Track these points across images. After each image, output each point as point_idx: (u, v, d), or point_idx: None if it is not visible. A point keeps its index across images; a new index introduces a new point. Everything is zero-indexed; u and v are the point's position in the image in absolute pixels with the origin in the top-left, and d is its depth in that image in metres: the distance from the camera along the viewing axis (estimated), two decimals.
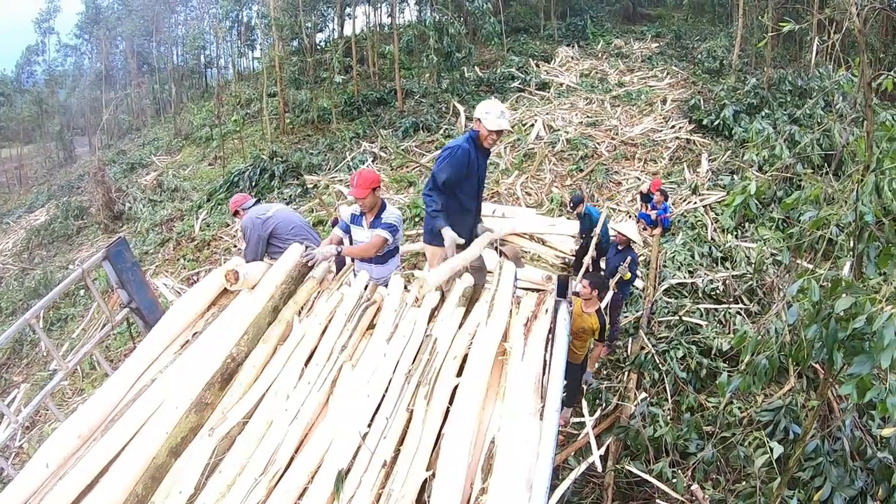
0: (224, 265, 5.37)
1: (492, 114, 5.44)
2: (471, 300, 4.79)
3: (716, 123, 17.91)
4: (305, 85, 25.15)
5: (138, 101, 40.65)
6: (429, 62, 21.42)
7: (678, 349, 8.80)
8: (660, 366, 8.66)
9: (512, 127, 17.31)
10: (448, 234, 5.33)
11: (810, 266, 6.35)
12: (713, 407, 7.91)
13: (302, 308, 4.90)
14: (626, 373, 8.85)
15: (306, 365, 4.27)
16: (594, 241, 9.93)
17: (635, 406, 7.94)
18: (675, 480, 6.53)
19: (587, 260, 9.68)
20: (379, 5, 30.89)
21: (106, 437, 4.04)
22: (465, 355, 4.21)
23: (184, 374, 4.28)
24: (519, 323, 4.37)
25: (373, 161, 18.51)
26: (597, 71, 25.02)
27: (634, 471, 6.90)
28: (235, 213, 7.57)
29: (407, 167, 17.53)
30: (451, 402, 3.84)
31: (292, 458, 3.62)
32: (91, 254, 17.88)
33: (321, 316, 4.68)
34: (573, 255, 11.28)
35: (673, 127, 18.78)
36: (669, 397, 8.32)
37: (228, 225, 16.07)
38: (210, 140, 25.63)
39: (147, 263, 13.72)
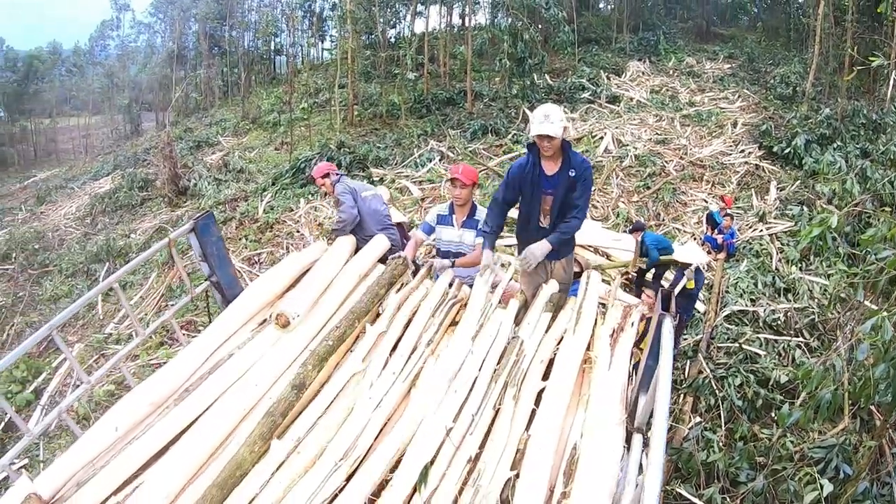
0: (301, 252, 5.46)
1: (535, 119, 5.04)
2: (557, 307, 4.78)
3: (786, 151, 17.52)
4: (376, 79, 25.29)
5: (207, 82, 41.24)
6: (501, 66, 21.33)
7: (736, 376, 8.67)
8: (716, 391, 8.53)
9: (568, 133, 17.09)
10: (486, 256, 5.20)
11: (874, 306, 6.20)
12: (766, 438, 7.77)
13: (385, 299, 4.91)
14: (682, 395, 8.73)
15: (390, 355, 4.30)
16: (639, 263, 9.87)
17: (689, 429, 7.85)
18: None
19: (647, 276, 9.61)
20: (453, 6, 30.95)
21: (179, 407, 4.10)
22: (551, 360, 4.21)
23: (265, 353, 4.34)
24: (605, 333, 4.35)
25: (440, 160, 18.56)
26: (668, 88, 24.75)
27: (685, 494, 6.82)
28: (325, 176, 7.09)
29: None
30: (535, 405, 3.84)
31: (371, 446, 3.64)
32: (153, 225, 18.33)
33: (407, 308, 4.71)
34: (635, 272, 11.20)
35: (742, 151, 18.48)
36: (723, 424, 8.20)
37: (292, 210, 16.23)
38: (277, 125, 25.89)
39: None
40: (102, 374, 5.23)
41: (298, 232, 14.87)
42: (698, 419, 8.11)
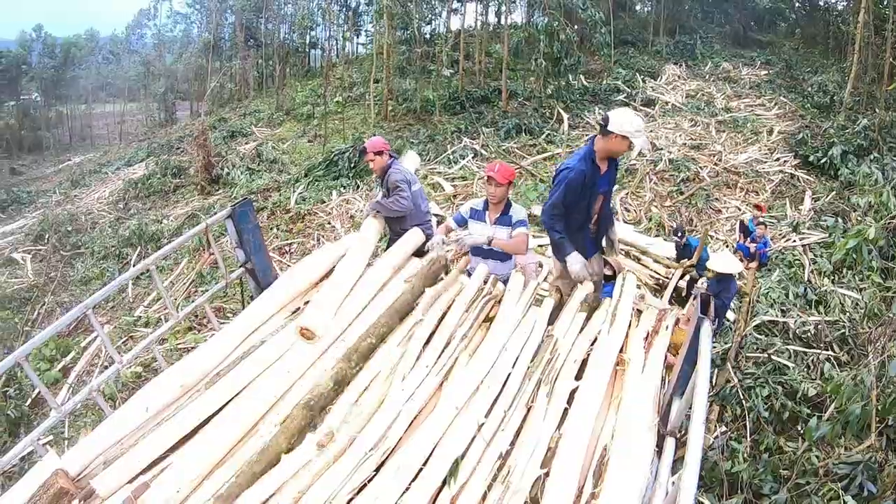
0: (336, 243, 5.47)
1: (640, 131, 5.16)
2: (591, 308, 4.75)
3: (822, 161, 17.25)
4: (411, 74, 25.33)
5: (242, 73, 41.56)
6: (536, 66, 21.26)
7: (764, 387, 8.56)
8: (743, 401, 8.44)
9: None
10: (579, 262, 5.27)
11: None
12: (792, 451, 7.67)
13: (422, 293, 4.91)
14: (709, 404, 8.65)
15: (424, 348, 4.29)
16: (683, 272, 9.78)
17: (714, 438, 7.78)
18: None
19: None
20: (489, 4, 30.92)
21: (210, 390, 4.11)
22: (584, 360, 4.18)
23: (298, 341, 4.34)
24: (639, 336, 4.32)
25: (473, 157, 18.53)
26: (703, 93, 24.54)
27: (707, 503, 6.78)
28: (379, 153, 6.75)
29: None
30: (567, 405, 3.82)
31: (401, 438, 3.64)
32: (186, 212, 18.50)
33: (441, 302, 4.70)
34: (667, 277, 11.10)
35: (778, 160, 18.25)
36: (749, 435, 8.11)
37: (324, 202, 16.29)
38: (311, 118, 26.06)
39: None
40: (134, 356, 5.26)
41: (329, 224, 14.93)
42: (724, 428, 8.04)
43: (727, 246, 13.05)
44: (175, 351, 10.50)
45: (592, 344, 4.32)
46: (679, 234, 10.95)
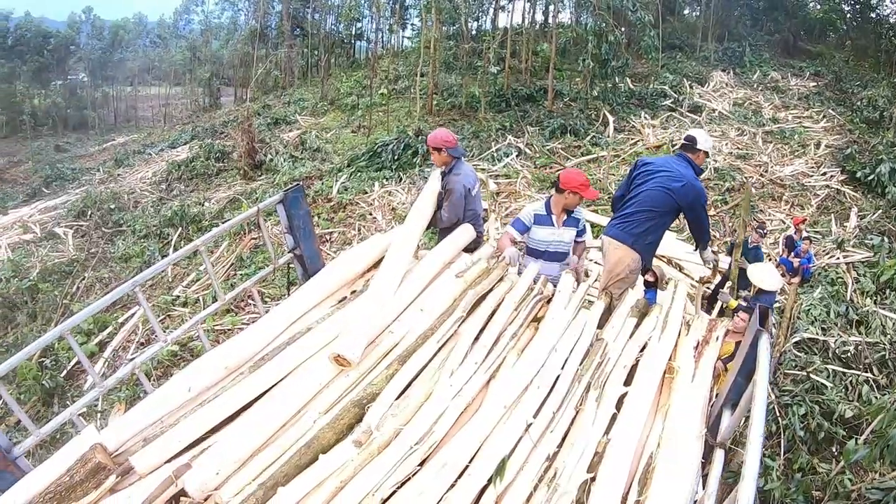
0: (386, 233, 5.44)
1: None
2: (641, 314, 4.68)
3: (869, 178, 16.80)
4: (457, 70, 25.30)
5: (288, 62, 41.81)
6: (584, 66, 21.10)
7: (801, 406, 8.39)
8: (779, 419, 8.29)
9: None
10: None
11: None
12: (825, 472, 7.53)
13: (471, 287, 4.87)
14: (745, 419, 8.50)
15: (472, 345, 4.25)
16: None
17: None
18: None
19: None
20: (537, 2, 30.79)
21: (254, 374, 4.11)
22: (632, 366, 4.13)
23: (365, 312, 4.33)
24: (689, 345, 4.25)
25: (517, 156, 18.40)
26: (751, 102, 24.15)
27: None
28: (436, 150, 6.40)
29: (550, 168, 17.30)
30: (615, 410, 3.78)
31: (447, 433, 3.61)
32: (228, 196, 18.62)
33: (491, 300, 4.66)
34: (708, 287, 10.95)
35: (824, 174, 17.90)
36: (783, 453, 7.97)
37: (366, 192, 16.33)
38: (355, 108, 26.09)
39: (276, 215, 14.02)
40: (180, 334, 5.30)
41: (371, 215, 14.95)
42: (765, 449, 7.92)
43: (770, 259, 12.84)
44: (212, 332, 10.56)
45: (642, 350, 4.26)
46: (762, 232, 10.90)
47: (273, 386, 4.06)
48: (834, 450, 7.82)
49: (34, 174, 32.22)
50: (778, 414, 8.32)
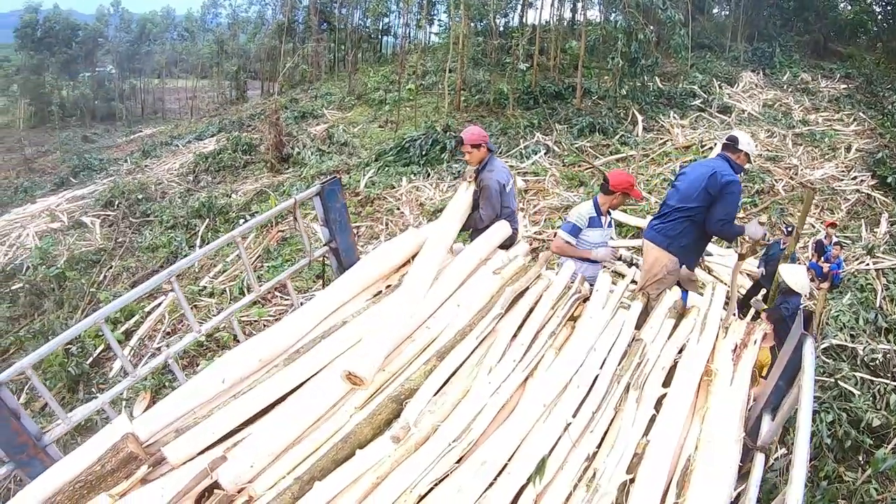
0: (421, 228, 5.43)
1: (751, 145, 6.18)
2: (679, 315, 4.63)
3: None
4: (485, 66, 25.25)
5: (315, 56, 41.94)
6: (613, 65, 20.98)
7: (828, 413, 8.28)
8: None
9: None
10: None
11: None
12: (851, 481, 7.43)
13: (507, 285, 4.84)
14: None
15: (510, 342, 4.22)
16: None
17: (775, 460, 7.57)
18: None
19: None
20: (565, 0, 30.67)
21: (289, 367, 4.09)
22: (671, 367, 4.10)
23: (381, 326, 4.29)
24: (727, 348, 4.19)
25: (545, 153, 18.31)
26: (781, 103, 23.85)
27: None
28: (477, 146, 6.28)
29: (579, 166, 17.20)
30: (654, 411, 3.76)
31: (485, 431, 3.59)
32: (255, 188, 18.66)
33: (529, 298, 4.62)
34: (741, 292, 10.83)
35: (854, 178, 17.63)
36: (809, 460, 7.86)
37: (394, 187, 16.32)
38: (383, 103, 26.13)
39: (308, 208, 13.98)
40: (214, 325, 5.31)
41: (398, 210, 14.94)
42: (784, 451, 7.81)
43: (800, 263, 12.67)
44: (238, 324, 10.58)
45: (680, 352, 4.22)
46: (788, 231, 10.76)
47: (308, 379, 4.05)
48: (860, 458, 7.72)
49: (62, 164, 32.55)
50: None
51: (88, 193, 22.20)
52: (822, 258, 12.04)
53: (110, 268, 15.06)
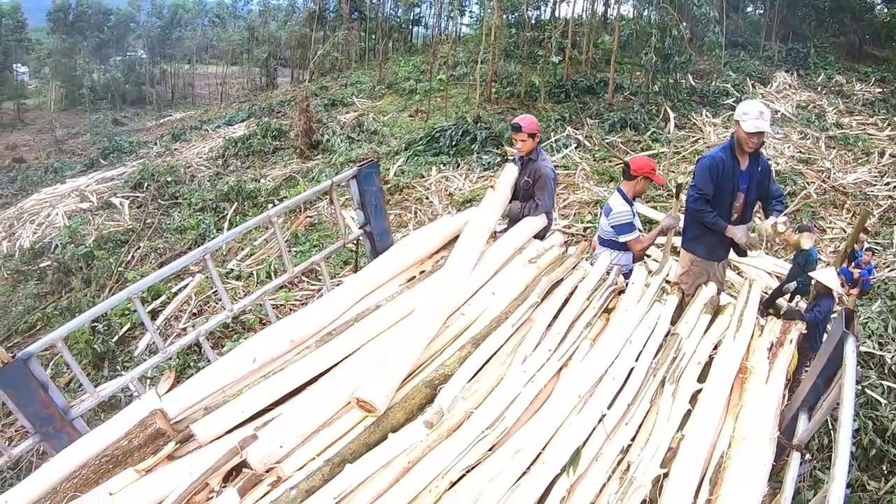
0: (455, 216, 5.40)
1: (750, 114, 5.20)
2: (715, 311, 4.58)
3: None
4: (517, 59, 25.12)
5: (346, 44, 41.95)
6: (646, 60, 20.77)
7: (854, 421, 8.15)
8: (831, 431, 8.07)
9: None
10: (737, 232, 5.46)
11: None
12: (874, 490, 7.33)
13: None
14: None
15: (546, 332, 4.19)
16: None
17: (800, 465, 7.48)
18: None
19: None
20: None
21: (321, 349, 4.10)
22: (706, 363, 4.06)
23: (416, 311, 4.27)
24: (763, 346, 4.13)
25: (576, 148, 18.12)
26: (815, 105, 23.52)
27: None
28: (532, 136, 6.23)
29: (609, 161, 17.05)
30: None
31: (518, 420, 3.57)
32: (284, 174, 18.69)
33: (564, 288, 4.59)
34: (766, 292, 10.71)
35: (888, 184, 17.35)
36: (833, 467, 7.74)
37: (423, 176, 16.28)
38: (413, 93, 26.00)
39: (341, 193, 13.97)
40: (247, 304, 5.33)
41: (427, 199, 14.89)
42: (809, 456, 7.70)
43: (828, 266, 12.49)
44: (264, 307, 10.60)
45: (715, 348, 4.17)
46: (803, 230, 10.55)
47: (340, 361, 4.04)
48: (884, 468, 7.61)
49: (92, 146, 32.85)
50: (830, 427, 8.11)
51: (118, 175, 22.35)
52: (853, 263, 11.86)
53: (138, 248, 15.16)
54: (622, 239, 6.17)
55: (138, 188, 19.69)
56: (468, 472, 3.23)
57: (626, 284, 4.75)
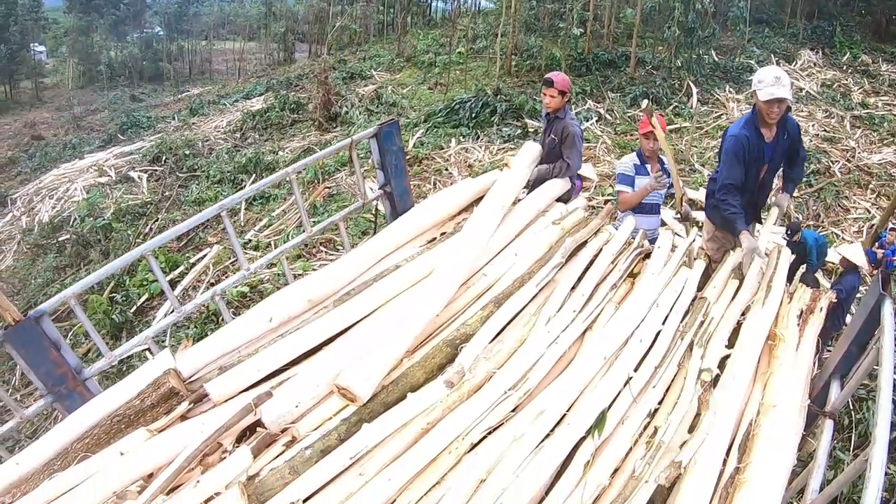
0: (476, 179, 5.31)
1: (765, 81, 4.72)
2: (741, 277, 4.46)
3: None
4: (537, 31, 24.84)
5: (364, 18, 41.75)
6: (669, 34, 20.49)
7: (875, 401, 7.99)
8: (852, 412, 7.92)
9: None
10: (746, 241, 4.74)
11: None
12: (894, 473, 7.21)
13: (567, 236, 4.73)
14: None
15: (570, 293, 4.09)
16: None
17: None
18: None
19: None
20: None
21: (339, 309, 4.02)
22: (734, 329, 3.95)
23: (436, 272, 4.17)
24: (793, 313, 4.00)
25: (597, 121, 17.96)
26: (840, 84, 23.15)
27: None
28: (562, 93, 6.10)
29: (631, 134, 16.75)
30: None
31: (541, 381, 3.49)
32: (303, 146, 18.63)
33: (589, 250, 4.49)
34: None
35: None
36: (853, 448, 7.62)
37: (442, 148, 16.17)
38: (432, 66, 25.78)
39: (362, 160, 13.97)
40: (263, 264, 5.27)
41: (447, 170, 14.79)
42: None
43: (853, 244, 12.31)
44: (282, 276, 10.56)
45: (743, 314, 4.05)
46: (791, 232, 10.29)
47: (358, 322, 3.95)
48: None
49: (110, 122, 32.91)
50: (851, 408, 7.96)
51: (136, 150, 22.37)
52: (877, 244, 11.68)
53: (156, 220, 15.19)
54: (616, 188, 6.19)
55: (156, 162, 19.73)
56: (489, 433, 3.16)
57: (652, 249, 4.64)
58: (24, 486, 3.24)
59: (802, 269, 8.92)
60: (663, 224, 9.16)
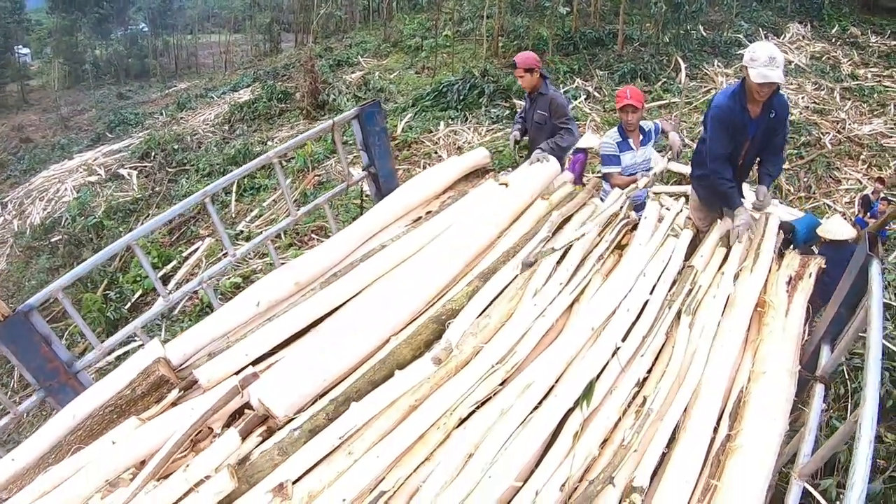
0: (463, 156, 5.28)
1: (758, 61, 4.43)
2: (729, 245, 4.45)
3: None
4: (524, 12, 24.77)
5: (349, 5, 41.61)
6: (656, 10, 20.43)
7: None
8: (847, 381, 7.94)
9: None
10: (742, 217, 4.56)
11: None
12: (891, 441, 7.23)
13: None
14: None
15: (557, 265, 4.07)
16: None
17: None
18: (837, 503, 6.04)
19: None
20: None
21: (325, 290, 4.02)
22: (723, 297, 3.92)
23: (423, 251, 4.17)
24: (782, 279, 3.99)
25: (585, 99, 17.88)
26: (829, 56, 23.14)
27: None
28: (531, 70, 6.05)
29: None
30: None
31: (529, 354, 3.48)
32: (291, 135, 18.54)
33: (574, 222, 4.46)
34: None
35: None
36: (849, 417, 7.63)
37: (431, 131, 16.13)
38: (419, 50, 25.68)
39: (349, 150, 13.96)
40: (249, 249, 5.28)
41: (436, 154, 14.75)
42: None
43: (845, 218, 12.30)
44: (270, 266, 10.56)
45: (734, 281, 4.03)
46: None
47: (345, 302, 3.95)
48: None
49: (98, 121, 32.79)
50: (847, 377, 7.98)
51: (125, 147, 22.30)
52: (869, 214, 11.69)
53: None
54: (603, 170, 6.16)
55: (145, 158, 19.66)
56: (478, 407, 3.15)
57: (639, 219, 4.61)
58: (20, 481, 3.26)
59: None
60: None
